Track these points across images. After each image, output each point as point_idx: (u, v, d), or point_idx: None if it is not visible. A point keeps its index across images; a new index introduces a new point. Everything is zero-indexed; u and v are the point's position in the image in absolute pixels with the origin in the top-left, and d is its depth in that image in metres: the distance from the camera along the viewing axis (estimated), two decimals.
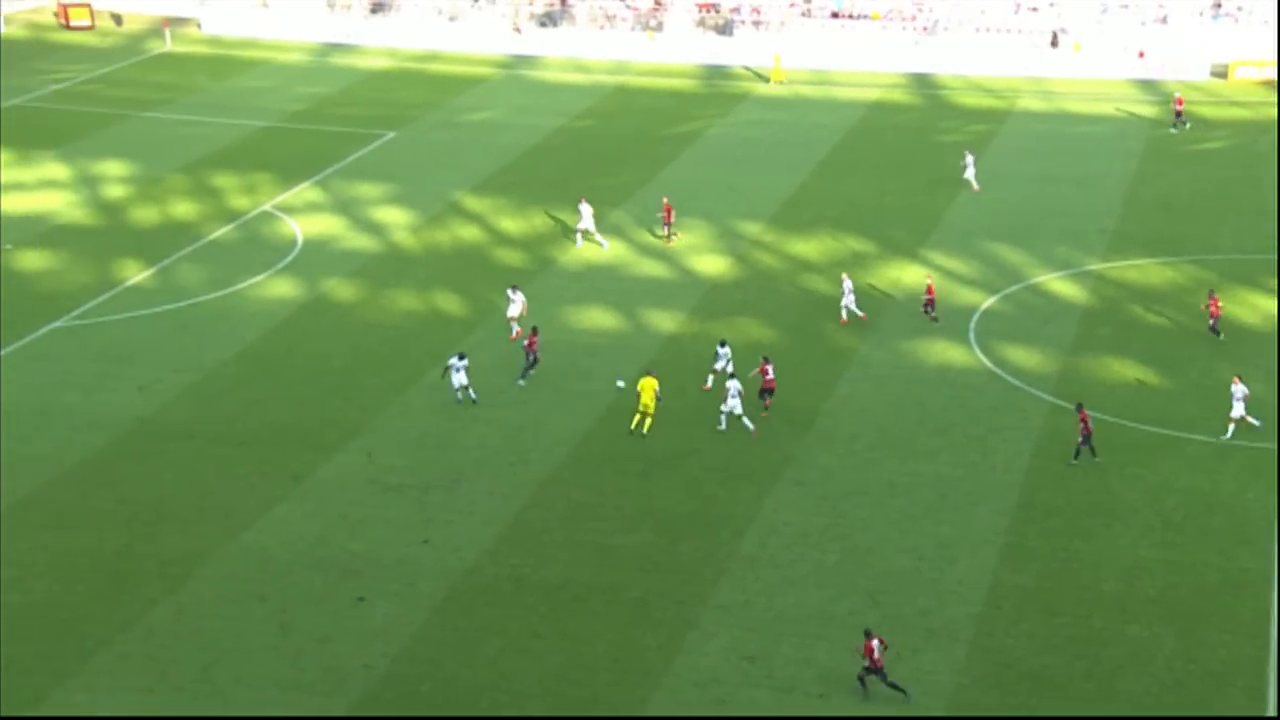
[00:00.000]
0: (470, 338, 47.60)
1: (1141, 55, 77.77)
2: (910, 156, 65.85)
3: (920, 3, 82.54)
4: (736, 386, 41.63)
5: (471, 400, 43.17)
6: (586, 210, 55.37)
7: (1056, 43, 78.81)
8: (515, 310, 47.69)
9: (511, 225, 58.14)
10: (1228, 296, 49.04)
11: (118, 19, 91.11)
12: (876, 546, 36.50)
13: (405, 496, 38.87)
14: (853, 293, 48.62)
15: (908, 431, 41.96)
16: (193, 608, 34.22)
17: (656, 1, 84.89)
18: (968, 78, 78.82)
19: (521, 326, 47.35)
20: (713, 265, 54.11)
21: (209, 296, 51.31)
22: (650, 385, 41.34)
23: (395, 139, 69.45)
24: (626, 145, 68.30)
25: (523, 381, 44.65)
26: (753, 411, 41.75)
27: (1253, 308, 49.53)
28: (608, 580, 35.26)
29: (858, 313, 48.58)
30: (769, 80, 78.17)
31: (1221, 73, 77.39)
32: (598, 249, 55.11)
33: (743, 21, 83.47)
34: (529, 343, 44.90)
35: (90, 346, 47.59)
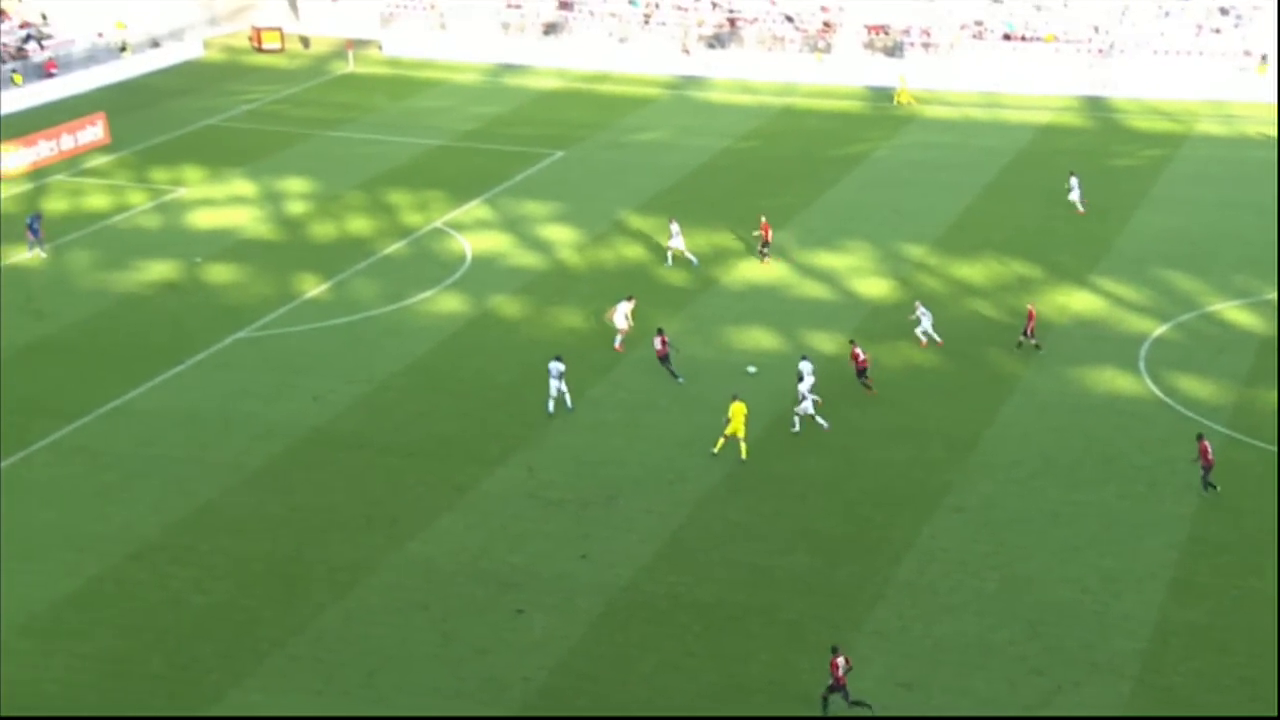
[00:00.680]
0: (633, 354, 48.20)
1: None
2: (1081, 181, 64.63)
3: (1097, 24, 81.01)
4: (808, 385, 42.62)
5: (566, 408, 44.12)
6: (676, 229, 55.71)
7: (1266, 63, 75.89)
8: (621, 322, 48.39)
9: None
10: None
11: (305, 41, 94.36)
12: (1038, 576, 35.93)
13: (564, 511, 39.49)
14: (928, 316, 48.21)
15: (1072, 460, 41.22)
16: (359, 614, 35.24)
17: (825, 24, 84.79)
18: (1144, 100, 77.11)
19: (622, 342, 48.25)
20: (875, 287, 53.86)
21: (381, 310, 52.82)
22: (740, 410, 41.40)
23: (563, 158, 70.56)
24: (791, 167, 68.33)
25: (681, 379, 45.70)
26: (858, 393, 41.79)
27: None
28: (763, 601, 35.36)
29: (935, 337, 48.06)
30: (893, 102, 77.49)
31: None
32: (765, 268, 55.31)
33: (912, 44, 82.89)
34: (660, 348, 45.87)
35: (270, 357, 49.34)
